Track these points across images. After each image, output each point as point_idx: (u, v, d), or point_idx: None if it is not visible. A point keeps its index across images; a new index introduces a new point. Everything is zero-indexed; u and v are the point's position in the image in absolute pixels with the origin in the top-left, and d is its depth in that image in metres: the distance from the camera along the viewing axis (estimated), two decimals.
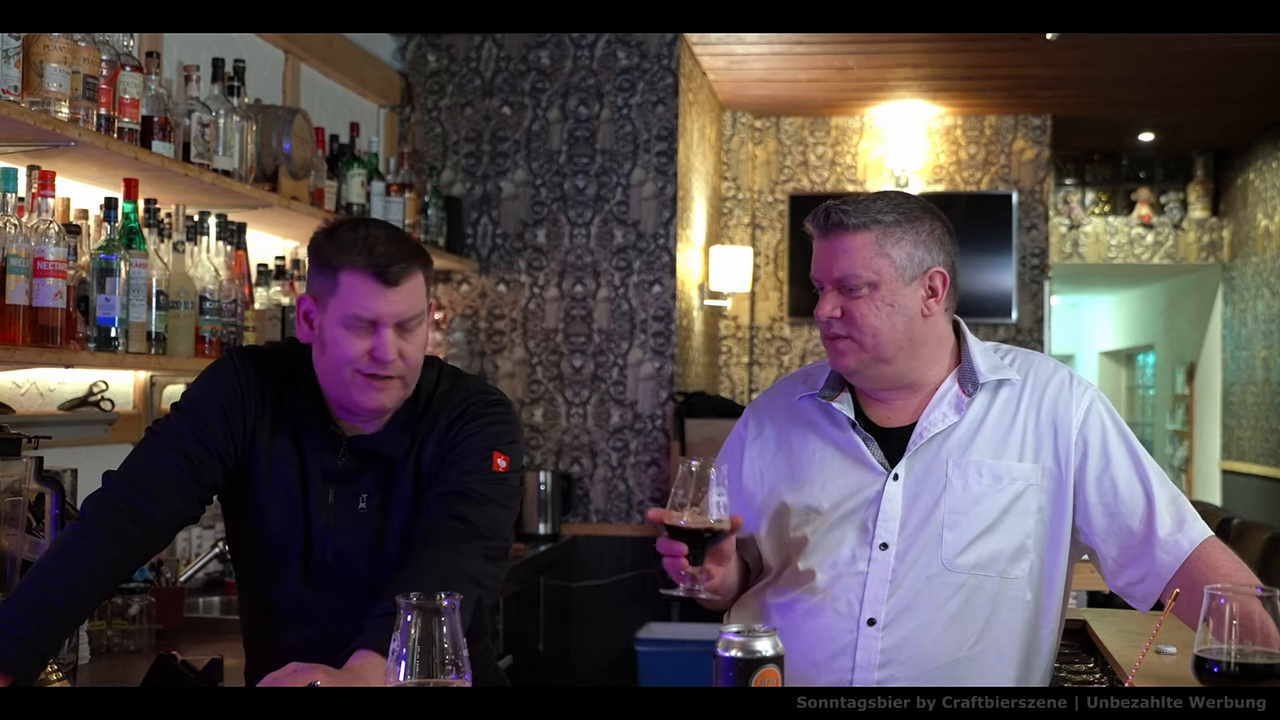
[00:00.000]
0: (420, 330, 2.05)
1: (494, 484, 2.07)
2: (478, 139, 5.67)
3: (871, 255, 2.00)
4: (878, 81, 6.64)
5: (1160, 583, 2.01)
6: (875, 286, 2.00)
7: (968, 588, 1.99)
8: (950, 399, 2.06)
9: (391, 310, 2.00)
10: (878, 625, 1.99)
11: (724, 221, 7.22)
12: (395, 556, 2.09)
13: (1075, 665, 2.57)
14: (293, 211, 3.72)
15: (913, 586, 1.99)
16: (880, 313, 2.01)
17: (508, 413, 2.16)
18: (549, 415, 5.62)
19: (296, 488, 2.10)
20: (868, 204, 2.02)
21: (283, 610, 2.16)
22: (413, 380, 2.07)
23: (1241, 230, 8.50)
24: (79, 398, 3.21)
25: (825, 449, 2.11)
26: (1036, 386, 2.08)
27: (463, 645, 1.53)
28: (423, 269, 2.04)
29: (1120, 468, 2.04)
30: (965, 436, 2.05)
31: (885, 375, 2.06)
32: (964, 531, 2.00)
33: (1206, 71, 6.41)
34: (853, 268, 2.00)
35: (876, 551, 2.01)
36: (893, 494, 2.03)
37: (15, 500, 2.31)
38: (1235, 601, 1.73)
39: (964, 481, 2.02)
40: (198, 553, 3.56)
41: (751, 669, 1.56)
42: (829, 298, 2.03)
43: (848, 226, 2.00)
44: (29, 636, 1.81)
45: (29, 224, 2.57)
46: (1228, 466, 9.04)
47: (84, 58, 2.69)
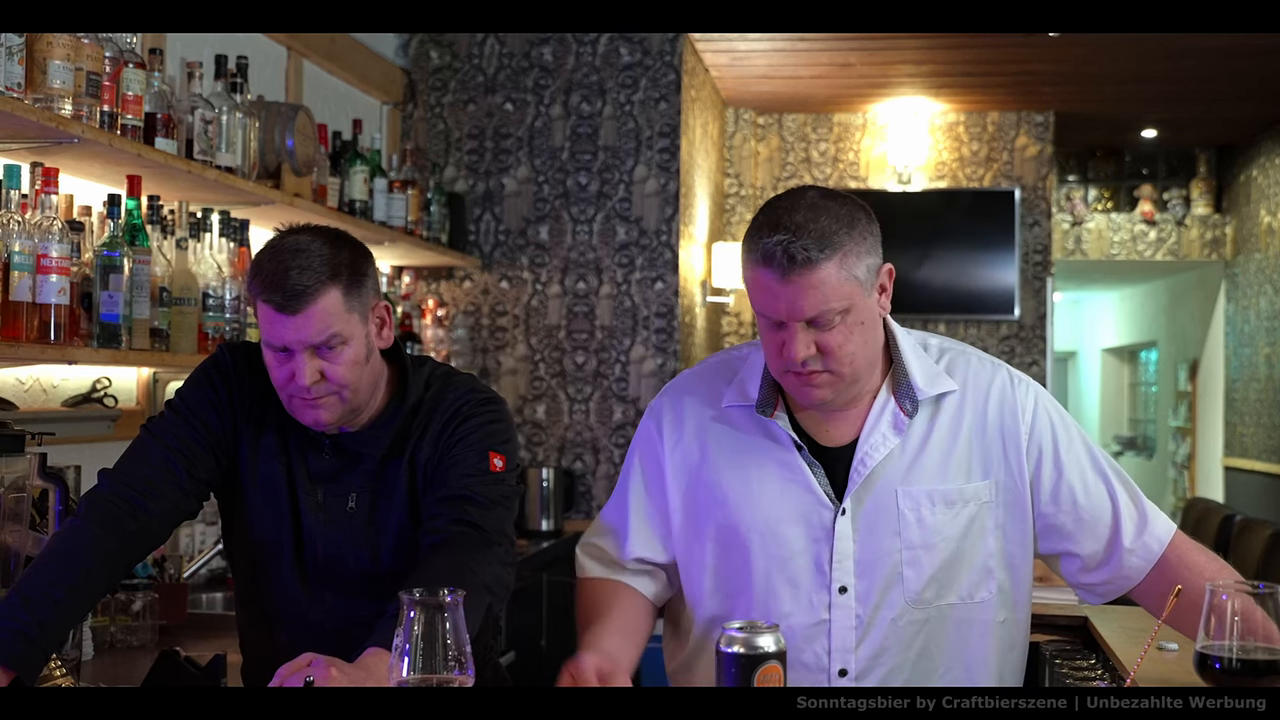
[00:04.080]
0: (347, 349, 1.99)
1: (494, 485, 2.07)
2: (480, 135, 5.67)
3: (839, 281, 1.81)
4: (880, 78, 6.64)
5: (1127, 585, 1.98)
6: (847, 312, 1.84)
7: (932, 622, 1.93)
8: (889, 417, 1.94)
9: (297, 337, 1.96)
10: (850, 675, 1.92)
11: (726, 218, 7.22)
12: (391, 555, 2.09)
13: (1077, 662, 2.57)
14: (296, 208, 3.72)
15: (880, 631, 1.92)
16: (855, 336, 1.86)
17: (500, 411, 2.15)
18: (551, 412, 5.63)
19: (284, 486, 2.11)
20: (819, 225, 1.81)
21: (276, 609, 2.16)
22: (356, 394, 2.03)
23: (1244, 227, 8.49)
24: (82, 394, 3.21)
25: (764, 470, 1.95)
26: (978, 394, 1.97)
27: (466, 641, 1.54)
28: (340, 286, 1.97)
29: (1075, 471, 1.97)
30: (909, 461, 1.93)
31: (851, 392, 1.93)
32: (924, 566, 1.92)
33: (1210, 68, 6.41)
34: (825, 301, 1.81)
35: (836, 596, 1.91)
36: (844, 531, 1.92)
37: (19, 497, 2.31)
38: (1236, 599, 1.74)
39: (916, 513, 1.92)
40: (201, 549, 3.56)
41: (754, 665, 1.57)
42: (799, 336, 1.82)
43: (815, 261, 1.79)
44: (31, 632, 1.81)
45: (32, 221, 2.57)
46: (1230, 463, 9.03)
47: (87, 55, 2.69)
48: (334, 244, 2.01)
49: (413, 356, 2.18)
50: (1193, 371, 10.28)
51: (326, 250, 1.99)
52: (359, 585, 2.10)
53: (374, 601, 1.96)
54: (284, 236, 2.04)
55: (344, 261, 1.99)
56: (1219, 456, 9.37)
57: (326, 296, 1.96)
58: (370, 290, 2.04)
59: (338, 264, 1.98)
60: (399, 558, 2.09)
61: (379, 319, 2.07)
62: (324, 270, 1.96)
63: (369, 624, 1.86)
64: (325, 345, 1.98)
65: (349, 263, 2.00)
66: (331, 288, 1.97)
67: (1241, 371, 8.74)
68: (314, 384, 1.98)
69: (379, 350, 2.10)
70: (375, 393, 2.10)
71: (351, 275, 2.00)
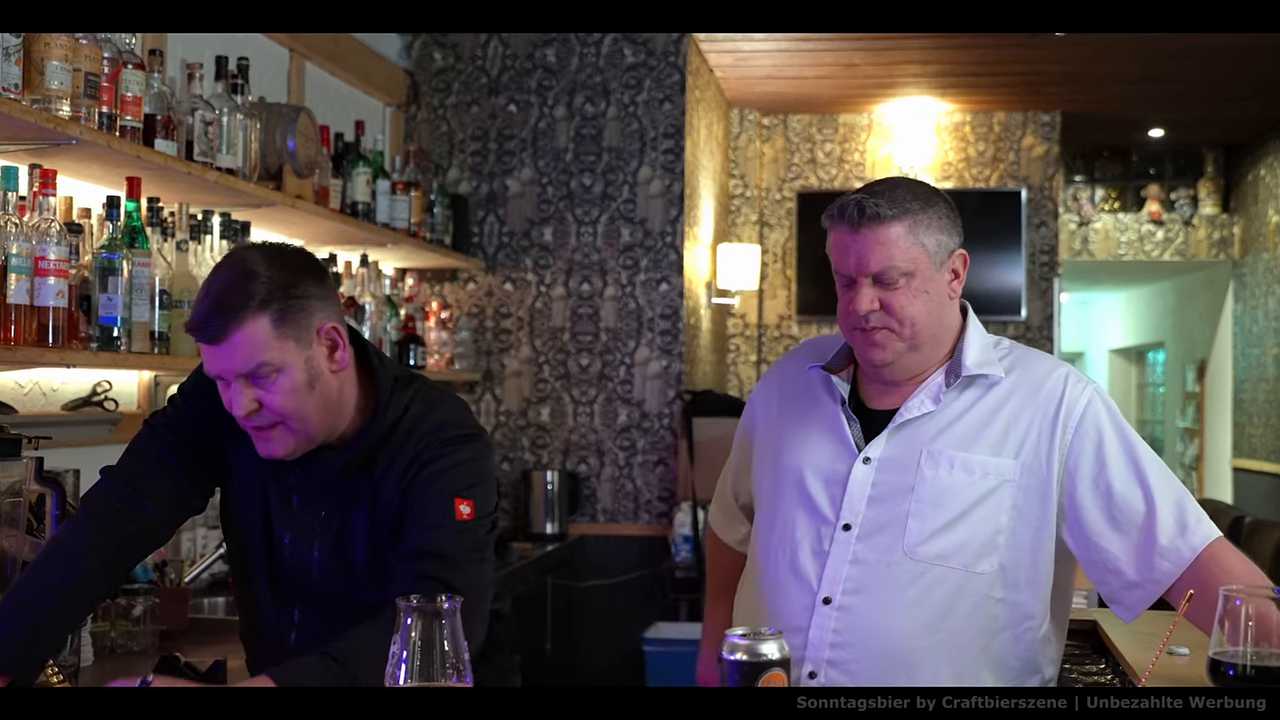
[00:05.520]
0: (282, 377, 1.89)
1: (460, 535, 1.93)
2: (484, 137, 5.65)
3: (907, 245, 1.98)
4: (886, 78, 6.61)
5: (1157, 590, 1.97)
6: (911, 276, 1.98)
7: (928, 577, 1.97)
8: (931, 389, 2.05)
9: (224, 367, 1.90)
10: (833, 604, 1.98)
11: (731, 219, 7.19)
12: (364, 574, 2.01)
13: (1086, 666, 2.55)
14: (297, 210, 3.71)
15: (871, 569, 1.98)
16: (917, 301, 1.99)
17: (471, 449, 2.00)
18: (556, 414, 5.60)
19: (259, 494, 2.06)
20: (894, 193, 2.00)
21: (253, 620, 2.13)
22: (303, 423, 1.94)
23: (1252, 226, 8.46)
24: (82, 398, 3.20)
25: (812, 419, 2.12)
26: (1030, 384, 2.05)
27: (464, 649, 1.51)
28: (268, 314, 1.87)
29: (1117, 470, 1.99)
30: (941, 427, 2.03)
31: (913, 364, 2.04)
32: (929, 521, 1.98)
33: (1216, 67, 6.38)
34: (891, 259, 1.97)
35: (839, 532, 2.01)
36: (860, 475, 2.03)
37: (15, 501, 2.29)
38: (1251, 603, 1.70)
39: (934, 472, 2.00)
40: (202, 553, 3.55)
41: (757, 672, 1.55)
42: (864, 291, 1.99)
43: (884, 218, 1.97)
44: (25, 636, 1.80)
45: (30, 223, 2.56)
46: (1239, 464, 8.99)
47: (85, 55, 2.68)
48: (272, 266, 1.90)
49: (403, 373, 2.08)
50: (1201, 372, 10.24)
51: (259, 274, 1.88)
52: (330, 604, 2.02)
53: (348, 625, 1.88)
54: (223, 260, 1.96)
55: (277, 286, 1.89)
56: (1227, 457, 9.33)
57: (250, 325, 1.86)
58: (315, 313, 1.93)
59: (269, 290, 1.88)
60: (374, 578, 1.99)
61: (329, 342, 1.95)
62: (245, 298, 1.87)
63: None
64: (255, 375, 1.89)
65: (283, 287, 1.89)
66: (258, 316, 1.87)
67: (1250, 372, 8.70)
68: (249, 414, 1.91)
69: (353, 367, 2.00)
70: (338, 416, 1.99)
71: (285, 300, 1.89)
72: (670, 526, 5.49)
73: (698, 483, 5.36)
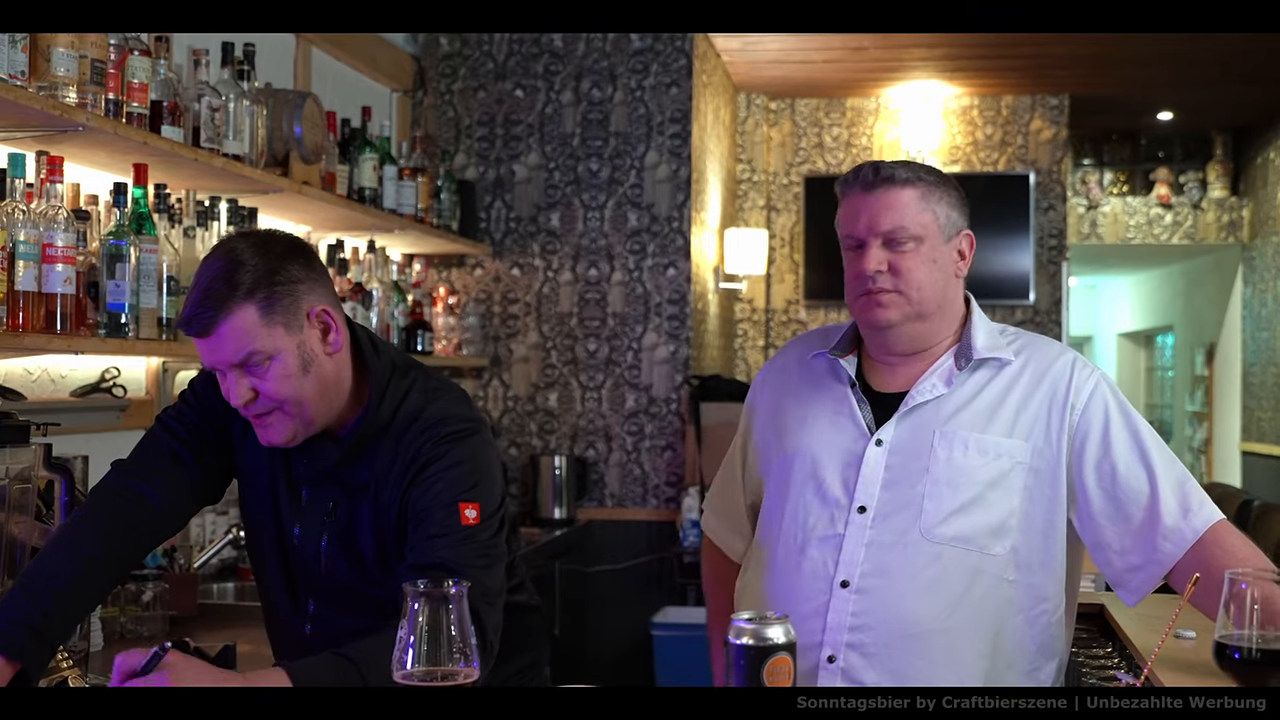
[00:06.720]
0: (275, 364, 1.88)
1: (465, 544, 1.88)
2: (490, 122, 5.64)
3: (918, 209, 2.02)
4: (893, 62, 6.59)
5: (1160, 571, 1.98)
6: (921, 241, 2.02)
7: (944, 559, 1.98)
8: (943, 372, 2.07)
9: (217, 358, 1.89)
10: (850, 588, 1.98)
11: (739, 204, 7.18)
12: (373, 566, 2.00)
13: (1094, 650, 2.55)
14: (304, 196, 3.71)
15: (888, 552, 1.99)
16: (925, 267, 2.02)
17: (469, 447, 1.95)
18: (564, 399, 5.61)
19: (268, 485, 2.06)
20: (905, 164, 2.06)
21: (270, 611, 2.14)
22: (301, 407, 1.92)
23: (1261, 210, 8.43)
24: (91, 384, 3.20)
25: (820, 402, 2.13)
26: (1038, 367, 2.06)
27: (471, 633, 1.52)
28: (255, 302, 1.86)
29: (1121, 452, 2.00)
30: (953, 409, 2.04)
31: (917, 334, 2.06)
32: (945, 502, 1.99)
33: (1225, 50, 6.35)
34: (902, 220, 2.01)
35: (854, 515, 2.01)
36: (873, 458, 2.03)
37: (24, 487, 2.30)
38: (1257, 586, 1.70)
39: (948, 453, 2.01)
40: (211, 538, 3.56)
41: (763, 656, 1.55)
42: (874, 252, 2.02)
43: (898, 180, 2.02)
44: (34, 622, 1.80)
45: (37, 210, 2.56)
46: (1248, 448, 8.98)
47: (92, 42, 2.67)
48: (256, 254, 1.89)
49: (402, 361, 2.06)
50: (1209, 356, 10.22)
51: (244, 264, 1.87)
52: (342, 596, 2.02)
53: (362, 617, 1.89)
54: (210, 252, 1.95)
55: (261, 274, 1.87)
56: (1236, 441, 9.32)
57: (237, 315, 1.86)
58: (303, 297, 1.91)
59: (254, 278, 1.87)
60: (383, 570, 1.98)
61: (321, 325, 1.94)
62: (230, 289, 1.86)
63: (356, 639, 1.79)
64: (248, 364, 1.88)
65: (267, 274, 1.88)
66: (244, 305, 1.86)
67: (1259, 355, 8.68)
68: (247, 402, 1.90)
69: (348, 351, 1.99)
70: (336, 399, 1.98)
71: (271, 287, 1.87)
72: (678, 511, 5.49)
73: (705, 467, 5.36)
